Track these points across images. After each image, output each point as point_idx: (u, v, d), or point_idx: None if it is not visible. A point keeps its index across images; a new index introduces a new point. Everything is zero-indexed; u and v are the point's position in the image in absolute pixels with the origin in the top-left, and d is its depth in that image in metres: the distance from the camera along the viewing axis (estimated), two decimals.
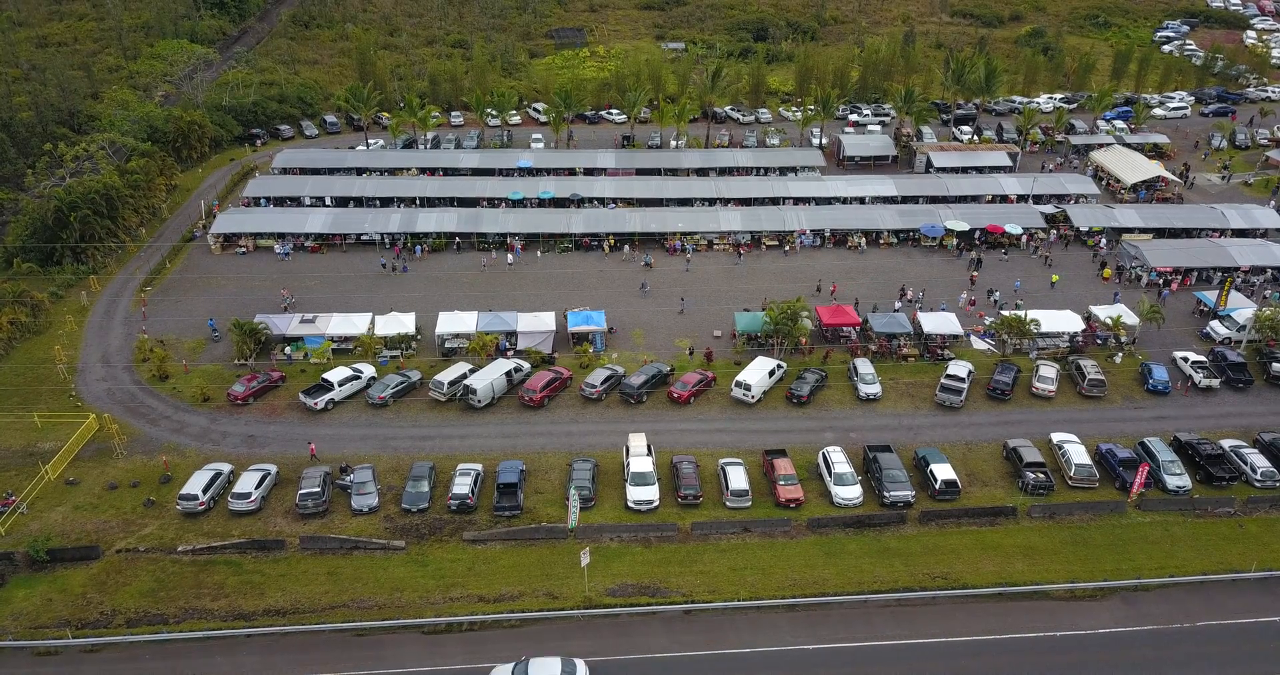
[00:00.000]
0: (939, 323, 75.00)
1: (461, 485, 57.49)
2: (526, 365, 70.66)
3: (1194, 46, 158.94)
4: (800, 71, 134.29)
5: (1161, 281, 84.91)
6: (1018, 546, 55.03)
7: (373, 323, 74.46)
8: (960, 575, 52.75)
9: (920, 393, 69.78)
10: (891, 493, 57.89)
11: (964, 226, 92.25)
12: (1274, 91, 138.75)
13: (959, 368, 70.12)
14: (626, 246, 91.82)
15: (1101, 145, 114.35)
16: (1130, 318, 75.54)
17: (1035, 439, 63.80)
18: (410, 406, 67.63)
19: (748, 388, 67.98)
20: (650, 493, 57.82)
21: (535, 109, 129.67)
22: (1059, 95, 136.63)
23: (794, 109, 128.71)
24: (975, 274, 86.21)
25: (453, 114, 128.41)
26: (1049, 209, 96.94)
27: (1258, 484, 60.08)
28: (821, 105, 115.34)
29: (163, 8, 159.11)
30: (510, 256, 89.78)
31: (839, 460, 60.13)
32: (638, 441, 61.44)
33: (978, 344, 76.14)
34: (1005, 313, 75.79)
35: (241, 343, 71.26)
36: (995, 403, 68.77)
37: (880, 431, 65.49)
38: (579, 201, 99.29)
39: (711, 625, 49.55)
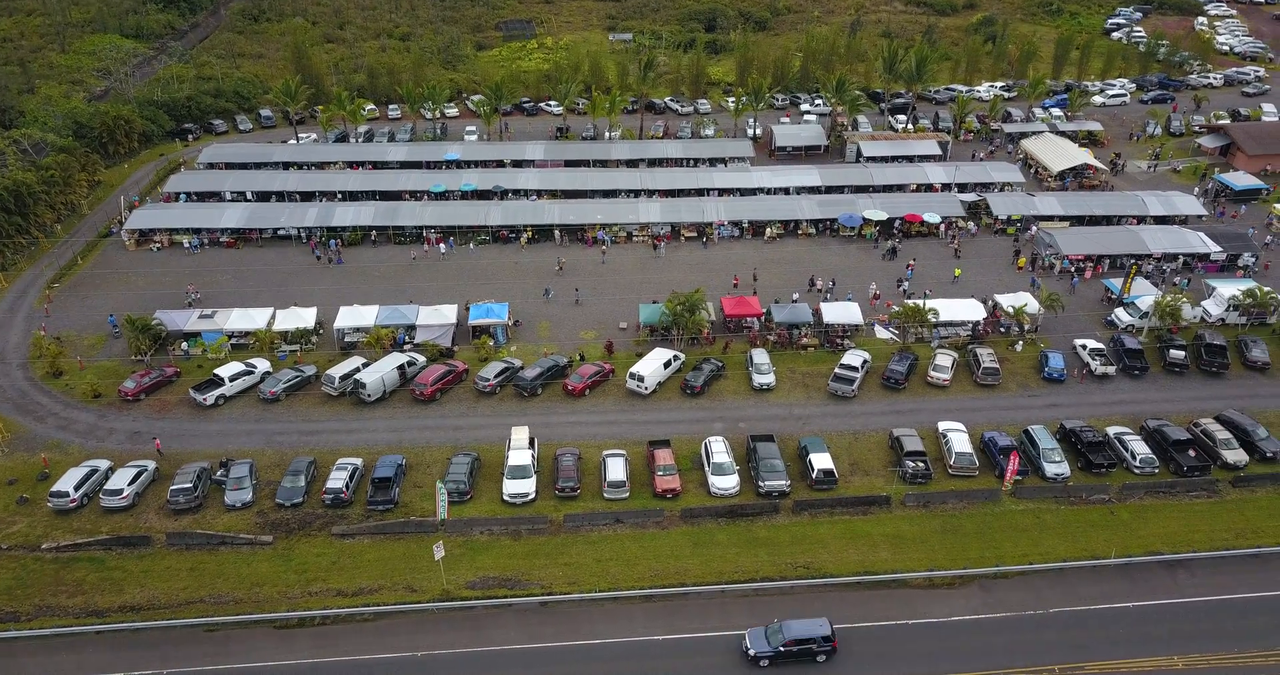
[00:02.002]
0: (840, 313, 74.99)
1: (337, 480, 57.43)
2: (421, 359, 70.51)
3: (1142, 33, 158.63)
4: (740, 61, 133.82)
5: (1074, 269, 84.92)
6: (886, 535, 55.10)
7: (273, 317, 74.23)
8: (823, 565, 52.83)
9: (816, 382, 69.73)
10: (766, 482, 57.88)
11: (882, 216, 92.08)
12: (1216, 78, 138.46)
13: (854, 357, 70.08)
14: (557, 232, 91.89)
15: (1035, 133, 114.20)
16: (1034, 306, 75.54)
17: (923, 428, 63.91)
18: (302, 401, 67.44)
19: (641, 379, 67.91)
20: (526, 486, 57.74)
21: (472, 101, 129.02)
22: (1000, 83, 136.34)
23: (730, 99, 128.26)
24: (912, 262, 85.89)
25: (390, 107, 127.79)
26: (971, 197, 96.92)
27: (1136, 471, 60.15)
28: (754, 95, 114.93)
29: (108, 3, 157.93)
30: (443, 247, 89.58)
31: (719, 450, 60.14)
32: (519, 435, 61.32)
33: (881, 333, 76.14)
34: (909, 301, 75.85)
35: (135, 339, 70.94)
36: (890, 392, 68.77)
37: (771, 422, 65.44)
38: (502, 194, 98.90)
39: (567, 617, 49.62)
